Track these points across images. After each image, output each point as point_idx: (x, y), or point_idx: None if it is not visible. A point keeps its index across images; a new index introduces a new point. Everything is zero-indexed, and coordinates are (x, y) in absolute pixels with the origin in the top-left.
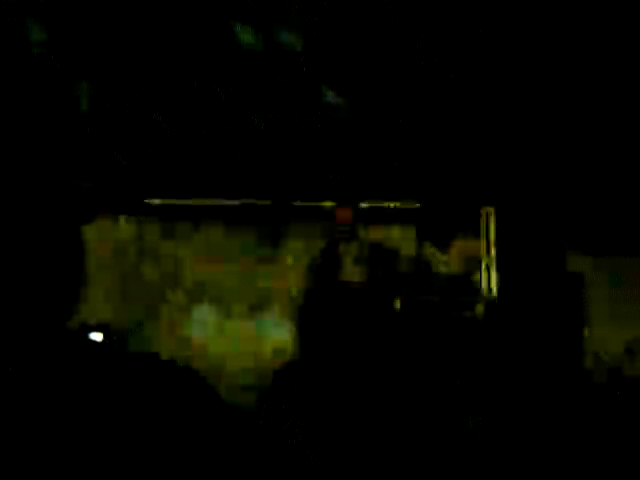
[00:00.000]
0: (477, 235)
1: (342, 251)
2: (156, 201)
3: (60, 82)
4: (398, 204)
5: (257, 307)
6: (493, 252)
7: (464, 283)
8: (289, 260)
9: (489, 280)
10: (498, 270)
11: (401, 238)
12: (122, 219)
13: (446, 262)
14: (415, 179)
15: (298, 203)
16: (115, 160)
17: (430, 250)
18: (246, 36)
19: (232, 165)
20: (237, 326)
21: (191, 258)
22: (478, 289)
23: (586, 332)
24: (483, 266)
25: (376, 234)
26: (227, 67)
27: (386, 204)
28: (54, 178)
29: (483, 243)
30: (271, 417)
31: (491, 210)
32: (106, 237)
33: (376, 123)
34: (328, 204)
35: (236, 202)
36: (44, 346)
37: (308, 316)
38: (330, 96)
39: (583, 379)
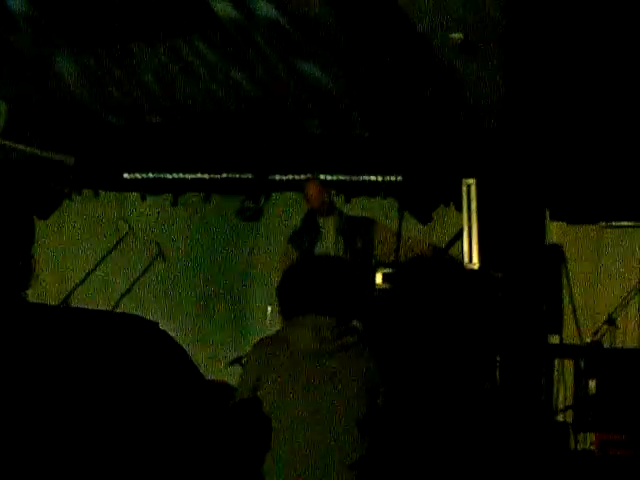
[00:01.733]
0: (458, 207)
1: (322, 223)
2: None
3: (40, 54)
4: (380, 177)
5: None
6: (475, 223)
7: (445, 254)
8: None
9: (470, 250)
10: (479, 241)
11: (382, 210)
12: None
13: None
14: (397, 152)
15: (278, 177)
16: (96, 135)
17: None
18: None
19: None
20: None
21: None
22: (460, 260)
23: (566, 303)
24: (465, 237)
25: (358, 206)
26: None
27: (368, 177)
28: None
29: (465, 214)
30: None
31: (472, 181)
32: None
33: (359, 98)
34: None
35: (218, 176)
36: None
37: (288, 286)
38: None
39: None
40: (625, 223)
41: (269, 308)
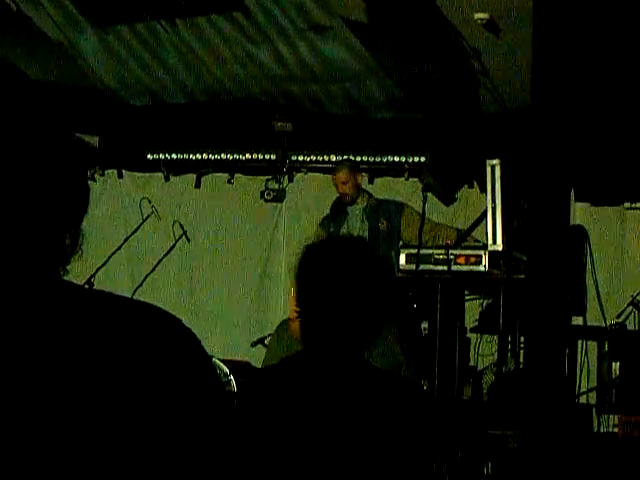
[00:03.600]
0: (482, 188)
1: (349, 206)
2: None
3: (64, 36)
4: (404, 158)
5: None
6: (499, 204)
7: (469, 235)
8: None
9: (494, 232)
10: (503, 222)
11: (406, 191)
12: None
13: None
14: (421, 133)
15: (301, 157)
16: (120, 116)
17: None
18: None
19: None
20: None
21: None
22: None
23: (590, 285)
24: (489, 218)
25: (381, 187)
26: None
27: (392, 158)
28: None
29: (489, 195)
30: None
31: (496, 162)
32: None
33: (383, 79)
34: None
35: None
36: (32, 291)
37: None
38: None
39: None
40: None
41: (292, 289)
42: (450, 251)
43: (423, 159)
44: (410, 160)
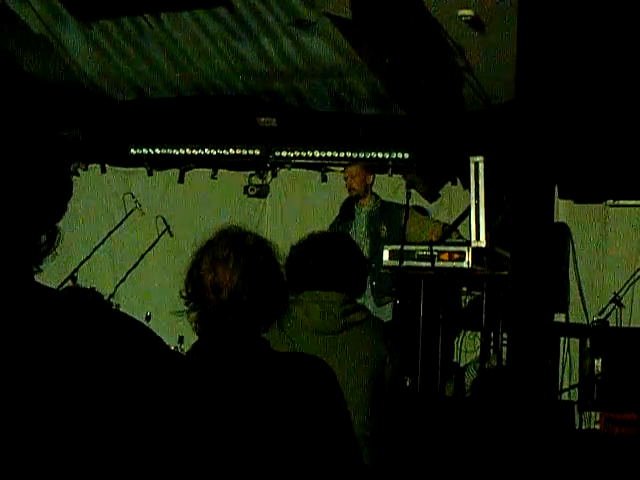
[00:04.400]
0: (466, 184)
1: (357, 209)
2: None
3: (48, 29)
4: (387, 154)
5: None
6: (482, 201)
7: (453, 231)
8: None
9: (478, 228)
10: (486, 219)
11: (390, 187)
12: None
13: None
14: (404, 129)
15: (285, 153)
16: (103, 110)
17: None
18: None
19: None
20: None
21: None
22: (466, 238)
23: (573, 282)
24: (472, 215)
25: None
26: None
27: (375, 154)
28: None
29: (472, 192)
30: None
31: (480, 159)
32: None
33: (366, 75)
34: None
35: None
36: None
37: (297, 261)
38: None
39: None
40: (631, 202)
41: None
42: (434, 247)
43: (407, 156)
44: (394, 156)
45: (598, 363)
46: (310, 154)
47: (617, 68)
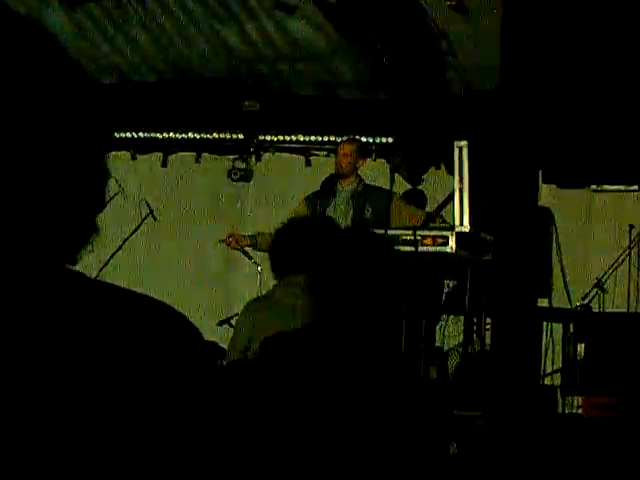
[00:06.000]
0: (450, 169)
1: (339, 188)
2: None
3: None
4: (371, 138)
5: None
6: (466, 185)
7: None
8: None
9: (462, 213)
10: (470, 203)
11: (373, 172)
12: None
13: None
14: (388, 113)
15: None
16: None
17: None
18: None
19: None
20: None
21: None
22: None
23: (556, 267)
24: (456, 199)
25: None
26: None
27: (359, 138)
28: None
29: (456, 177)
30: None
31: (464, 143)
32: None
33: (351, 58)
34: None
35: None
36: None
37: (281, 245)
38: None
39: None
40: (615, 187)
41: (259, 268)
42: (417, 232)
43: (390, 140)
44: (377, 141)
45: (581, 348)
46: (294, 138)
47: (600, 53)
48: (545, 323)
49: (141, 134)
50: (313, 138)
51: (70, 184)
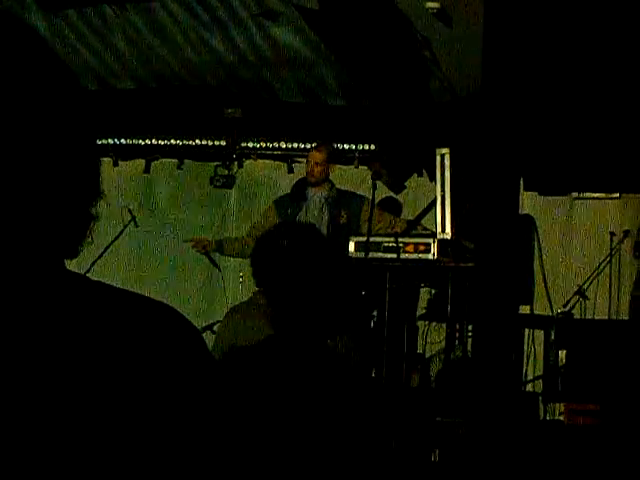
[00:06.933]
0: (432, 176)
1: (310, 193)
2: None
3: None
4: (353, 145)
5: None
6: (448, 192)
7: (418, 223)
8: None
9: (443, 220)
10: (452, 210)
11: (355, 179)
12: None
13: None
14: (371, 120)
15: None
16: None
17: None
18: None
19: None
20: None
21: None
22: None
23: (537, 274)
24: (438, 206)
25: (331, 175)
26: None
27: (341, 145)
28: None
29: (438, 184)
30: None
31: (446, 151)
32: None
33: (334, 66)
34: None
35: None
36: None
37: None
38: None
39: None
40: (596, 195)
41: (241, 275)
42: (399, 239)
43: (373, 147)
44: (360, 148)
45: (562, 355)
46: (276, 145)
47: (582, 61)
48: (527, 330)
49: (123, 140)
50: (296, 145)
51: (64, 173)
